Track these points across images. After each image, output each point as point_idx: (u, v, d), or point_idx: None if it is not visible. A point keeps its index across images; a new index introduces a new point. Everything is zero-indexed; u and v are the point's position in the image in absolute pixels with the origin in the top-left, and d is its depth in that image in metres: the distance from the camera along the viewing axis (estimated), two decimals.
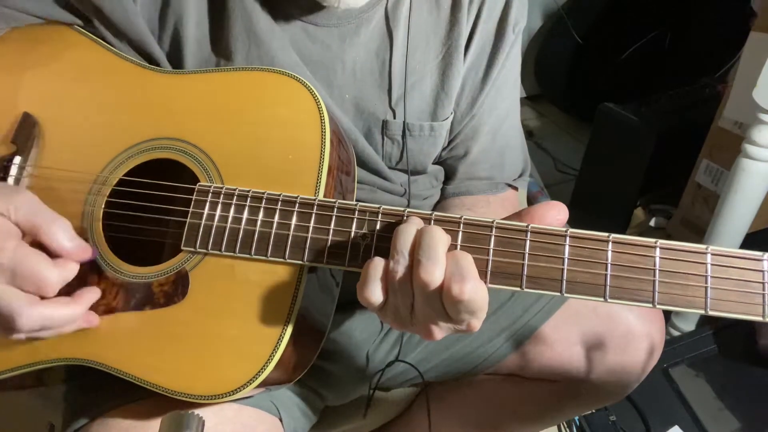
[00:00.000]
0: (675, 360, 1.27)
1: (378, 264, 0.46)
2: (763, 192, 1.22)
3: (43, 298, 0.50)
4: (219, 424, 0.58)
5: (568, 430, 1.18)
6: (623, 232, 1.56)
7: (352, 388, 0.84)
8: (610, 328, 0.73)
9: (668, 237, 1.63)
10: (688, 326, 1.38)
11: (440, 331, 0.48)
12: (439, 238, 0.45)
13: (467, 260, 0.45)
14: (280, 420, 0.69)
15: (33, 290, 0.48)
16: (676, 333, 1.39)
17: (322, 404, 0.85)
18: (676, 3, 2.09)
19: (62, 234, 0.50)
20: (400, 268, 0.45)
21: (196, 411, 0.39)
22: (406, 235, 0.46)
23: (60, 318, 0.50)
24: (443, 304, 0.45)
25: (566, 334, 0.75)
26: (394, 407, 0.96)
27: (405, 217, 0.50)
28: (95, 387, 0.61)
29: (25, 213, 0.49)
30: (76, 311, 0.51)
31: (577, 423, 1.18)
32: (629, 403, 1.20)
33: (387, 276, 0.46)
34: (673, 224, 1.64)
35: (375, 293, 0.46)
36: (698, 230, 1.53)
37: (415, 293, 0.45)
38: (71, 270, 0.51)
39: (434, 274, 0.44)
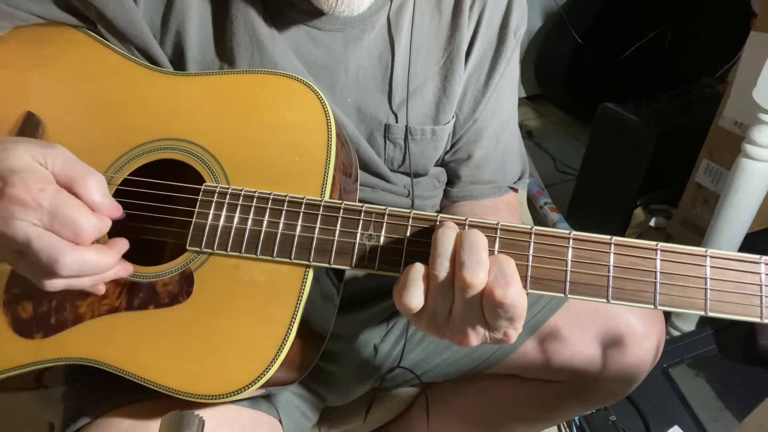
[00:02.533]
0: (675, 360, 1.27)
1: (419, 268, 0.47)
2: (763, 192, 1.22)
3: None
4: (218, 425, 0.58)
5: (568, 430, 1.18)
6: (623, 232, 1.56)
7: (352, 388, 0.84)
8: (611, 328, 0.73)
9: (668, 237, 1.63)
10: (688, 326, 1.38)
11: (476, 336, 0.47)
12: (482, 240, 0.46)
13: (511, 265, 0.45)
14: (280, 421, 0.68)
15: (70, 236, 0.47)
16: (676, 333, 1.39)
17: (321, 405, 0.85)
18: (676, 3, 2.09)
19: (97, 188, 0.50)
20: (442, 271, 0.45)
21: (196, 411, 0.39)
22: (446, 238, 0.46)
23: (98, 264, 0.49)
24: (483, 308, 0.45)
25: (567, 335, 0.75)
26: (394, 407, 0.96)
27: (438, 222, 0.51)
28: (95, 388, 0.61)
29: (62, 164, 0.49)
30: (111, 258, 0.50)
31: (577, 423, 1.18)
32: (629, 403, 1.20)
33: (427, 280, 0.46)
34: (673, 224, 1.64)
35: (416, 297, 0.46)
36: (698, 230, 1.52)
37: (455, 297, 0.45)
38: (106, 223, 0.50)
39: (479, 275, 0.44)
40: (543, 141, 2.31)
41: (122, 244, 0.53)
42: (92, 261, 0.49)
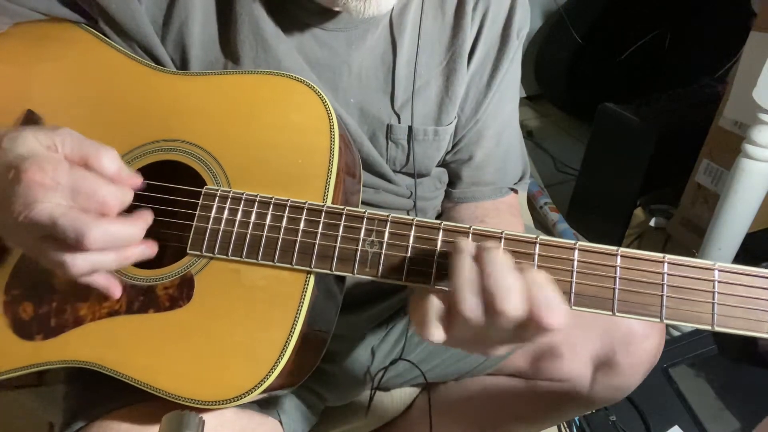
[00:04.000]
0: (675, 360, 1.27)
1: (433, 305, 0.44)
2: (763, 192, 1.22)
3: None
4: (219, 426, 0.58)
5: (568, 430, 1.18)
6: (623, 232, 1.56)
7: (353, 389, 0.84)
8: (611, 329, 0.73)
9: (668, 237, 1.63)
10: (688, 326, 1.38)
11: (506, 349, 0.46)
12: (506, 261, 0.43)
13: (550, 286, 0.42)
14: (280, 422, 0.69)
15: (95, 208, 0.46)
16: (676, 333, 1.39)
17: (322, 405, 0.85)
18: (676, 3, 2.09)
19: (111, 161, 0.49)
20: (465, 304, 0.42)
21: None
22: (463, 269, 0.43)
23: (125, 236, 0.48)
24: (522, 329, 0.43)
25: (567, 336, 0.75)
26: (395, 407, 0.96)
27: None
28: (95, 389, 0.61)
29: (71, 145, 0.48)
30: (137, 229, 0.49)
31: (577, 423, 1.18)
32: (629, 403, 1.20)
33: (450, 314, 0.44)
34: (673, 224, 1.64)
35: (436, 334, 0.44)
36: (698, 230, 1.52)
37: (487, 323, 0.43)
38: (128, 194, 0.49)
39: (511, 302, 0.41)
40: (543, 141, 2.31)
41: (147, 216, 0.51)
42: (119, 232, 0.48)
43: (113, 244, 0.48)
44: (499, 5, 0.70)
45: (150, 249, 0.52)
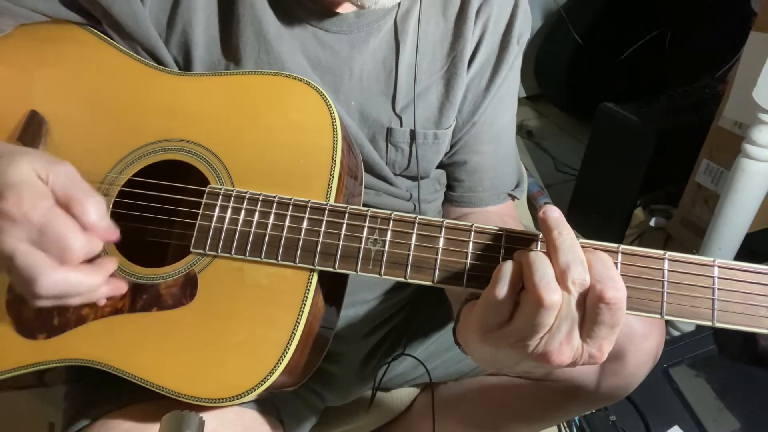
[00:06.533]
0: (675, 360, 1.27)
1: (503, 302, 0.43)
2: (763, 192, 1.22)
3: None
4: (220, 426, 0.58)
5: (568, 430, 1.18)
6: (623, 232, 1.56)
7: (353, 388, 0.84)
8: None
9: (668, 237, 1.63)
10: (688, 326, 1.38)
11: (570, 351, 0.44)
12: (576, 242, 0.44)
13: (612, 265, 0.43)
14: (281, 422, 0.69)
15: (56, 254, 0.47)
16: (676, 333, 1.39)
17: (322, 405, 0.85)
18: (676, 3, 2.09)
19: (95, 210, 0.49)
20: (550, 292, 0.41)
21: (197, 411, 0.40)
22: (541, 260, 0.43)
23: (81, 285, 0.49)
24: (587, 315, 0.42)
25: None
26: (395, 407, 0.96)
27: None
28: (97, 388, 0.61)
29: (63, 182, 0.48)
30: (96, 279, 0.50)
31: (577, 423, 1.18)
32: (629, 403, 1.20)
33: (517, 302, 0.44)
34: (673, 224, 1.64)
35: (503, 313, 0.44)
36: (698, 230, 1.53)
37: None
38: (96, 246, 0.49)
39: (584, 276, 0.42)
40: (543, 141, 2.31)
41: (110, 264, 0.52)
42: (76, 281, 0.48)
43: (67, 293, 0.49)
44: (500, 11, 0.70)
45: (117, 289, 0.53)
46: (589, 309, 0.42)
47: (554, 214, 0.46)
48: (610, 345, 0.44)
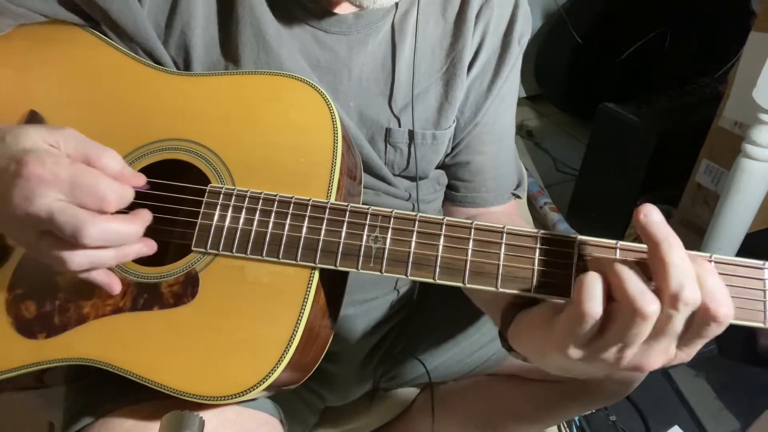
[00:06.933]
0: None
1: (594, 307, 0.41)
2: (763, 192, 1.23)
3: None
4: (220, 425, 0.58)
5: (568, 430, 1.18)
6: (623, 232, 1.56)
7: (352, 388, 0.84)
8: None
9: None
10: None
11: (665, 358, 0.43)
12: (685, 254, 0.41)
13: (718, 278, 0.41)
14: (281, 422, 0.69)
15: (93, 204, 0.46)
16: None
17: (322, 405, 0.86)
18: (676, 3, 2.09)
19: (114, 159, 0.49)
20: (651, 305, 0.39)
21: (197, 411, 0.39)
22: (631, 275, 0.40)
23: (123, 233, 0.48)
24: (692, 326, 0.41)
25: None
26: (395, 407, 0.96)
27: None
28: (97, 387, 0.61)
29: (75, 144, 0.48)
30: (136, 227, 0.50)
31: (577, 423, 1.18)
32: (629, 403, 1.20)
33: (612, 313, 0.41)
34: (673, 224, 1.63)
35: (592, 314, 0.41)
36: (698, 230, 1.53)
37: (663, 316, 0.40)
38: (128, 192, 0.49)
39: (696, 291, 0.39)
40: (543, 141, 2.31)
41: (146, 215, 0.52)
42: (117, 229, 0.48)
43: (111, 242, 0.48)
44: (501, 12, 0.70)
45: (148, 247, 0.52)
46: (697, 325, 0.40)
47: (656, 217, 0.41)
48: (697, 349, 0.43)
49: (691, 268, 0.40)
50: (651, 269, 0.41)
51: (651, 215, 0.41)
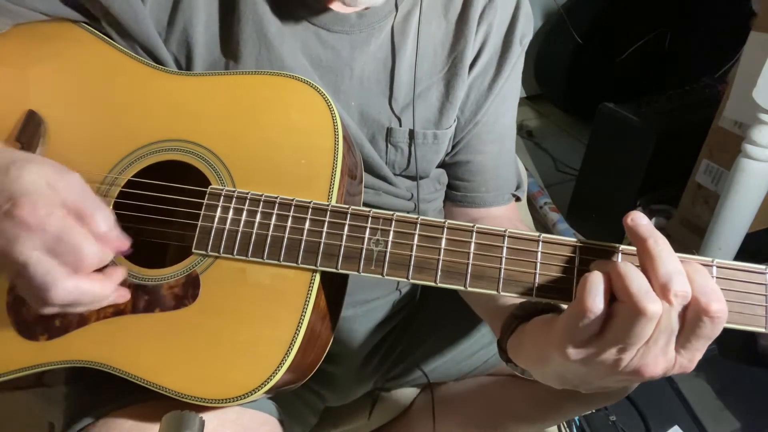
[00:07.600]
0: None
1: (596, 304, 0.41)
2: (763, 192, 1.23)
3: None
4: (220, 426, 0.58)
5: (568, 430, 1.18)
6: (623, 233, 1.56)
7: (353, 389, 0.84)
8: None
9: (668, 237, 1.63)
10: None
11: (666, 363, 0.43)
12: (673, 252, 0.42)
13: (708, 276, 0.42)
14: (281, 422, 0.69)
15: (70, 263, 0.47)
16: None
17: (322, 405, 0.86)
18: (676, 3, 2.10)
19: (105, 222, 0.50)
20: (652, 303, 0.40)
21: (197, 411, 0.39)
22: (634, 271, 0.41)
23: (93, 293, 0.49)
24: (686, 327, 0.41)
25: None
26: (395, 407, 0.96)
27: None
28: (97, 388, 0.61)
29: (74, 196, 0.49)
30: (108, 288, 0.51)
31: (577, 423, 1.18)
32: (629, 403, 1.20)
33: (610, 315, 0.42)
34: (673, 224, 1.65)
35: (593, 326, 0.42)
36: (698, 230, 1.53)
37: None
38: (108, 255, 0.50)
39: (685, 285, 0.40)
40: (543, 141, 2.31)
41: (119, 273, 0.53)
42: (88, 290, 0.49)
43: (79, 302, 0.49)
44: (503, 12, 0.70)
45: (121, 297, 0.53)
46: (690, 321, 0.41)
47: (644, 221, 0.43)
48: (700, 355, 0.43)
49: (678, 264, 0.41)
50: (640, 265, 0.42)
51: (638, 219, 0.44)
